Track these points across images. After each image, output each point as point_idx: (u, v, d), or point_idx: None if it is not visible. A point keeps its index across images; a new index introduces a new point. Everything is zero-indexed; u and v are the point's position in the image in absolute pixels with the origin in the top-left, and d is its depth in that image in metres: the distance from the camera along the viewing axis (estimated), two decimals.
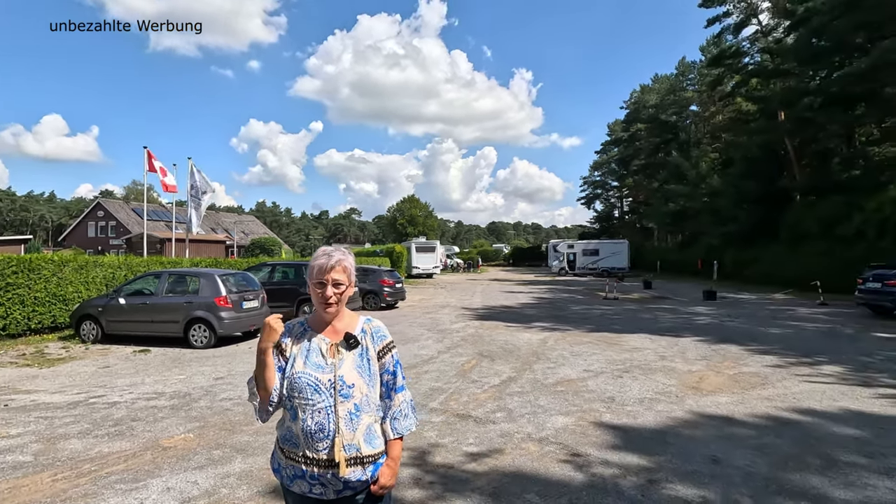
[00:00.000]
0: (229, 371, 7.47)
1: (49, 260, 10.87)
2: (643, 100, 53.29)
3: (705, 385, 6.43)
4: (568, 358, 8.20)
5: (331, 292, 1.76)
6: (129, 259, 13.37)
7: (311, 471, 1.69)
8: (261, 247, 39.17)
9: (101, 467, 3.99)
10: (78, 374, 7.32)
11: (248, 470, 3.92)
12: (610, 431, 4.73)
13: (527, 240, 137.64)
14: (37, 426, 4.99)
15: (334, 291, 1.77)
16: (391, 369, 1.84)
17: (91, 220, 50.44)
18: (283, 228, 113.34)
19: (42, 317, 10.46)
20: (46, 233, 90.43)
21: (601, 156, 67.34)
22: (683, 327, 11.57)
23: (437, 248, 37.50)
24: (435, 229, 74.81)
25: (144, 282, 10.23)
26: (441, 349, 9.07)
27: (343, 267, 1.79)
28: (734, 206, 29.91)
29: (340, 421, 1.69)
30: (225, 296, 9.51)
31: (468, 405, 5.63)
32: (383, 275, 16.70)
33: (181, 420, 5.17)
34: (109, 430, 4.86)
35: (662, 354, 8.42)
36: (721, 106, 40.87)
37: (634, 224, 58.87)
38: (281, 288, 12.91)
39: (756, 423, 4.98)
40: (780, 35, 29.43)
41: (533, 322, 12.73)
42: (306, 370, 1.74)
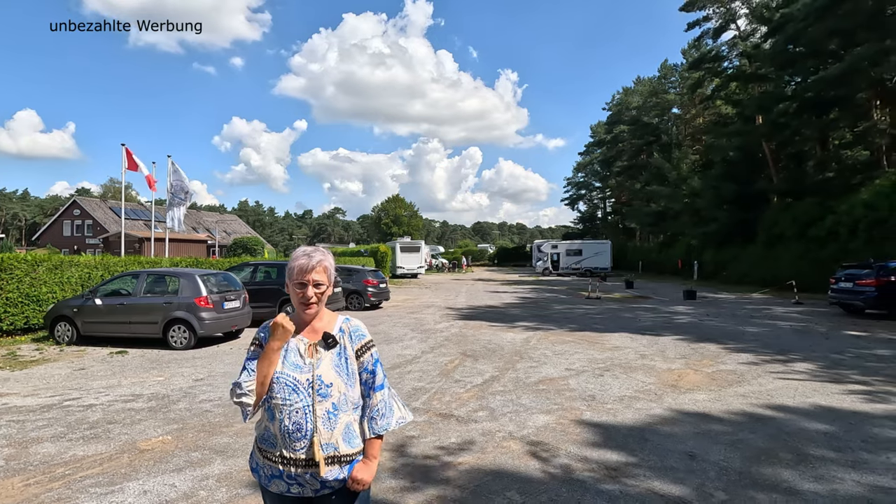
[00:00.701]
0: (209, 372, 7.37)
1: (22, 259, 10.58)
2: (626, 102, 54.01)
3: (684, 383, 6.56)
4: (550, 357, 8.28)
5: (311, 293, 1.77)
6: (105, 259, 13.09)
7: (288, 470, 1.70)
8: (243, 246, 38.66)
9: (76, 471, 3.91)
10: (52, 377, 7.15)
11: (228, 472, 3.88)
12: (590, 429, 4.80)
13: (512, 240, 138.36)
14: (8, 430, 4.87)
15: (315, 292, 1.78)
16: (370, 368, 1.84)
17: (67, 219, 49.18)
18: (267, 228, 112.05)
19: (14, 318, 10.17)
20: (20, 231, 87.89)
21: (585, 157, 68.04)
22: (664, 326, 11.77)
23: (421, 248, 37.45)
24: (420, 229, 74.83)
25: (122, 282, 10.03)
26: (425, 349, 9.07)
27: (324, 267, 1.80)
28: (713, 207, 30.51)
29: (318, 420, 1.70)
30: (206, 296, 9.37)
31: (451, 404, 5.65)
32: (367, 275, 16.64)
33: (159, 422, 5.09)
34: (84, 434, 4.76)
35: (643, 353, 8.56)
36: (701, 108, 41.66)
37: (617, 224, 59.62)
38: (263, 288, 12.77)
39: (732, 419, 5.10)
40: (758, 40, 30.10)
41: (516, 322, 12.81)
42: (284, 370, 1.74)
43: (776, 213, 25.71)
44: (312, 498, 1.75)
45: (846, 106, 23.47)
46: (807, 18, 22.43)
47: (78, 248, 42.60)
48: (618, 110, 54.68)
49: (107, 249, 37.50)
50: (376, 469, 1.83)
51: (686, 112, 45.68)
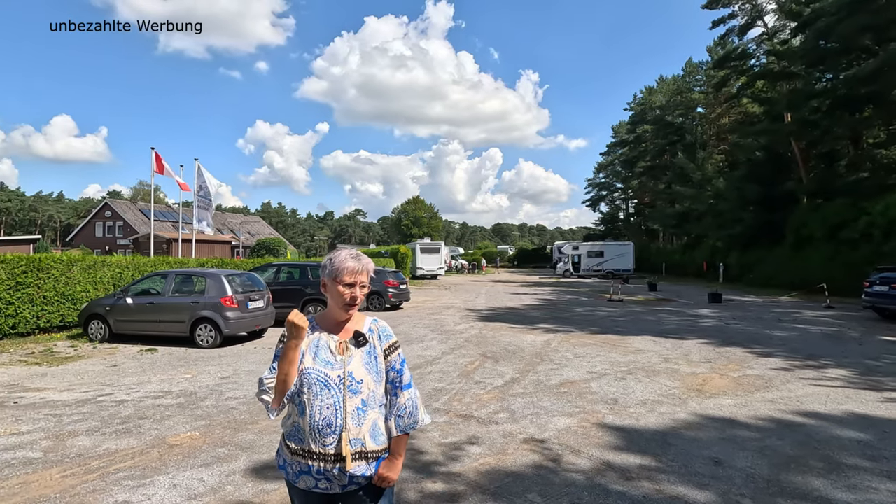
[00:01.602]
0: (235, 371, 7.54)
1: (58, 259, 11.00)
2: (649, 101, 53.19)
3: (709, 387, 6.43)
4: (571, 360, 8.22)
5: (359, 293, 1.84)
6: (136, 259, 13.50)
7: (317, 466, 1.74)
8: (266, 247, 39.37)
9: (110, 464, 4.05)
10: (86, 373, 7.41)
11: (253, 467, 3.97)
12: (612, 433, 4.75)
13: (532, 241, 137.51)
14: (46, 423, 5.07)
15: (360, 293, 1.86)
16: (397, 367, 1.89)
17: (99, 221, 50.87)
18: (289, 229, 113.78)
19: (51, 316, 10.58)
20: (55, 233, 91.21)
21: (606, 157, 67.23)
22: (688, 330, 11.55)
23: (441, 250, 37.52)
24: (439, 230, 74.98)
25: (151, 282, 10.33)
26: (445, 350, 9.10)
27: (368, 270, 1.89)
28: (739, 209, 29.79)
29: (348, 416, 1.75)
30: (231, 296, 9.59)
31: (471, 406, 5.66)
32: (388, 276, 16.75)
33: (187, 418, 5.24)
34: (117, 428, 4.93)
35: (666, 357, 8.42)
36: (727, 107, 40.75)
37: (639, 226, 58.71)
38: (286, 288, 12.98)
39: (759, 425, 4.99)
40: (787, 37, 29.31)
41: (537, 324, 12.74)
42: (316, 366, 1.78)
43: (805, 214, 24.98)
44: (339, 494, 1.79)
45: (880, 103, 22.65)
46: (839, 13, 21.75)
47: (109, 248, 44.01)
48: (640, 110, 53.89)
49: (137, 250, 38.62)
50: (401, 466, 1.86)
51: (711, 111, 44.71)
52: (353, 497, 1.80)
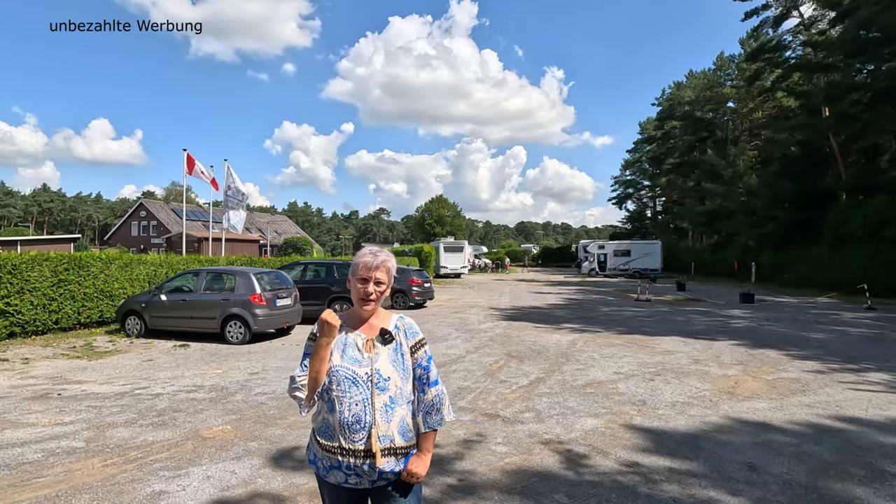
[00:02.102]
0: (263, 367, 7.71)
1: (97, 258, 11.44)
2: (677, 96, 51.92)
3: (741, 390, 6.26)
4: (597, 360, 8.11)
5: (372, 289, 1.84)
6: (169, 257, 13.93)
7: (346, 461, 1.76)
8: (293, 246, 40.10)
9: (147, 455, 4.20)
10: (124, 367, 7.70)
11: (283, 462, 4.06)
12: (641, 434, 4.67)
13: (556, 240, 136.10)
14: (87, 414, 5.29)
15: (375, 289, 1.85)
16: (424, 364, 1.90)
17: (134, 220, 52.71)
18: (315, 228, 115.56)
19: (91, 311, 11.02)
20: (93, 232, 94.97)
21: (633, 154, 65.98)
22: (718, 331, 11.25)
23: (465, 248, 37.50)
24: (463, 229, 74.93)
25: (184, 279, 10.65)
26: (469, 349, 9.11)
27: (386, 268, 1.88)
28: (772, 206, 28.83)
29: (376, 413, 1.76)
30: (260, 293, 9.80)
31: (496, 405, 5.65)
32: (412, 274, 16.85)
33: (219, 412, 5.39)
34: (153, 420, 5.10)
35: (696, 358, 8.23)
36: (760, 102, 39.44)
37: (667, 224, 57.44)
38: (313, 286, 13.19)
39: (795, 430, 4.82)
40: (825, 27, 28.17)
41: (562, 323, 12.62)
42: (344, 364, 1.81)
43: (844, 211, 23.98)
44: (369, 489, 1.81)
45: None
46: (882, 2, 20.78)
47: (144, 247, 45.54)
48: (669, 105, 52.65)
49: (169, 248, 39.87)
50: (429, 462, 1.88)
51: (743, 106, 43.34)
52: (382, 492, 1.82)
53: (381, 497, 1.83)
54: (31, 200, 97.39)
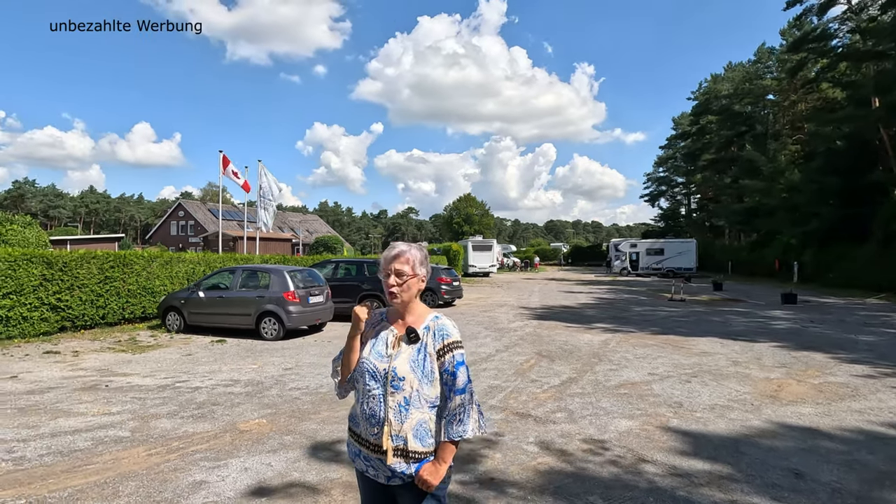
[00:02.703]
0: (297, 362, 7.86)
1: (140, 256, 11.92)
2: (714, 90, 50.16)
3: (785, 394, 6.00)
4: (631, 360, 7.93)
5: (392, 282, 1.83)
6: (206, 255, 14.39)
7: (364, 452, 1.82)
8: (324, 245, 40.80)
9: (188, 445, 4.35)
10: (165, 361, 8.00)
11: (317, 455, 4.13)
12: (678, 437, 4.54)
13: (586, 238, 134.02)
14: (132, 406, 5.52)
15: (396, 281, 1.83)
16: (450, 369, 1.79)
17: (173, 220, 54.72)
18: (345, 227, 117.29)
19: (134, 307, 11.50)
20: (136, 231, 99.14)
21: (667, 151, 64.23)
22: (759, 332, 10.84)
23: (493, 247, 37.33)
24: (491, 228, 74.61)
25: (220, 277, 10.97)
26: (499, 347, 9.06)
27: (406, 258, 1.84)
28: (816, 202, 27.52)
29: (389, 411, 1.76)
30: (293, 291, 10.01)
31: (528, 404, 5.60)
32: (441, 273, 16.89)
33: (255, 406, 5.52)
34: (193, 413, 5.28)
35: (735, 360, 7.95)
36: (803, 94, 37.71)
37: (703, 222, 55.66)
38: (344, 284, 13.38)
39: (845, 436, 4.59)
40: (875, 13, 26.70)
41: (593, 323, 12.40)
42: (369, 357, 1.84)
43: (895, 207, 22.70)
44: (385, 485, 1.81)
45: None
46: None
47: (182, 245, 47.20)
48: (705, 99, 50.91)
49: (206, 247, 41.20)
50: (445, 473, 1.76)
51: (784, 98, 41.53)
52: (401, 491, 1.81)
53: (403, 496, 1.82)
54: (79, 202, 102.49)
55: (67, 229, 64.51)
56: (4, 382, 6.49)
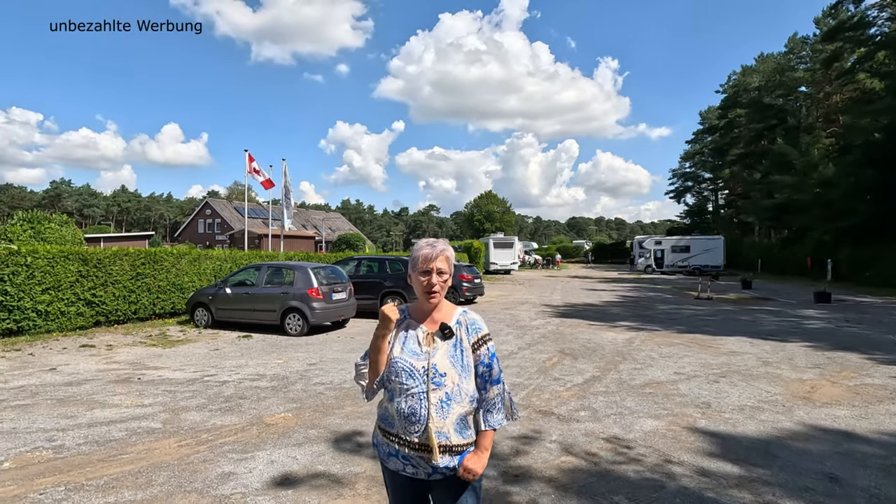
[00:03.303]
0: (321, 358, 7.97)
1: (169, 253, 12.27)
2: (744, 82, 48.69)
3: (818, 396, 5.81)
4: (656, 359, 7.79)
5: (435, 280, 1.82)
6: (233, 253, 14.70)
7: (403, 451, 1.79)
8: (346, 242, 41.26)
9: (216, 437, 4.46)
10: (193, 355, 8.21)
11: (341, 449, 4.18)
12: (706, 438, 4.44)
13: (609, 235, 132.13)
14: (163, 398, 5.68)
15: (438, 280, 1.83)
16: (486, 361, 1.85)
17: (200, 218, 56.07)
18: (367, 225, 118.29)
19: (164, 303, 11.84)
20: (165, 229, 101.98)
21: (693, 146, 62.73)
22: (790, 331, 10.51)
23: (515, 244, 37.12)
24: (512, 225, 74.17)
25: (247, 273, 11.19)
26: (521, 345, 9.01)
27: (446, 257, 1.85)
28: (851, 198, 26.47)
29: (432, 408, 1.76)
30: (317, 287, 10.14)
31: (550, 402, 5.56)
32: (462, 270, 16.87)
33: (281, 400, 5.63)
34: (221, 406, 5.41)
35: (765, 360, 7.73)
36: (838, 85, 36.31)
37: (730, 219, 54.17)
38: (366, 281, 13.49)
39: (884, 440, 4.42)
40: None
41: (617, 321, 12.22)
42: (403, 356, 1.82)
43: None
44: (425, 480, 1.82)
45: None
46: None
47: (209, 243, 48.35)
48: (734, 92, 49.49)
49: (233, 244, 42.12)
50: (487, 460, 1.85)
51: (818, 90, 40.06)
52: (437, 485, 1.82)
53: (439, 490, 1.84)
54: (111, 201, 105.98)
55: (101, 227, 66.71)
56: (44, 374, 6.77)
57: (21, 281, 9.07)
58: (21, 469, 3.79)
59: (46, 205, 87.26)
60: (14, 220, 17.35)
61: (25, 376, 6.63)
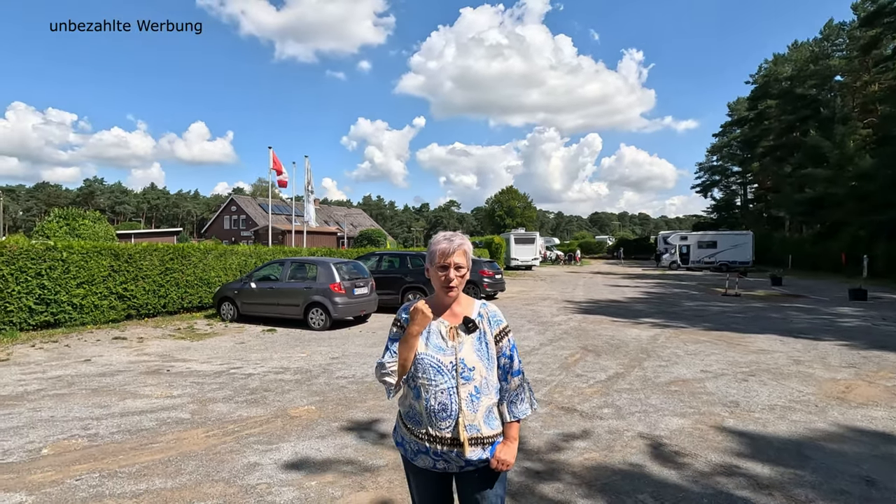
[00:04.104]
0: (343, 352, 8.06)
1: (196, 248, 12.56)
2: (775, 72, 47.08)
3: (854, 396, 5.60)
4: (682, 357, 7.63)
5: (453, 275, 1.81)
6: (257, 248, 14.97)
7: (434, 448, 1.77)
8: (368, 238, 41.57)
9: (242, 429, 4.55)
10: (220, 348, 8.40)
11: (364, 443, 4.22)
12: (734, 438, 4.33)
13: (633, 231, 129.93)
14: (191, 390, 5.83)
15: (456, 274, 1.82)
16: (508, 353, 1.87)
17: (226, 214, 57.27)
18: (388, 221, 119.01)
19: (192, 297, 12.14)
20: (192, 225, 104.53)
21: (721, 139, 61.04)
22: (823, 329, 10.16)
23: (536, 240, 36.83)
24: (533, 220, 73.60)
25: (271, 268, 11.38)
26: (543, 341, 8.94)
27: (463, 251, 1.83)
28: (890, 191, 25.39)
29: (462, 402, 1.75)
30: (339, 282, 10.25)
31: (573, 399, 5.50)
32: (483, 265, 16.79)
33: (304, 393, 5.71)
34: (247, 398, 5.52)
35: (797, 359, 7.49)
36: (876, 73, 34.80)
37: (760, 213, 52.66)
38: (387, 276, 13.57)
39: None
40: None
41: (641, 317, 12.02)
42: (428, 352, 1.80)
43: None
44: (457, 473, 1.83)
45: None
46: None
47: (234, 239, 49.35)
48: (765, 82, 47.88)
49: (257, 240, 42.91)
50: (516, 450, 1.87)
51: (855, 79, 38.48)
52: (469, 477, 1.82)
53: (468, 482, 1.83)
54: (141, 198, 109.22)
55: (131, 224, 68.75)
56: (80, 365, 7.02)
57: (57, 275, 9.41)
58: (58, 456, 3.94)
59: (80, 202, 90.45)
60: (51, 217, 18.03)
61: (62, 367, 6.89)
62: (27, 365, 6.98)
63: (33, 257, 9.11)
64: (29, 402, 5.32)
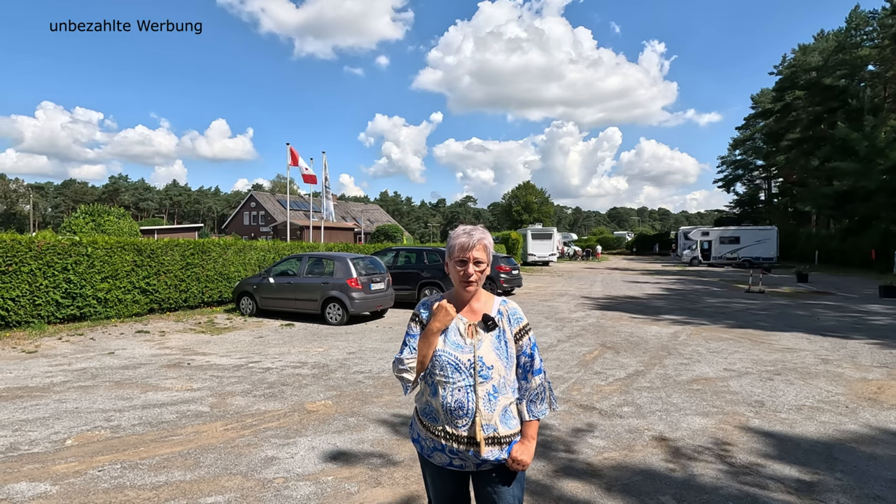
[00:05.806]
0: (360, 347, 8.09)
1: (216, 244, 12.74)
2: (802, 62, 45.64)
3: (886, 397, 5.40)
4: (704, 354, 7.46)
5: (472, 270, 1.76)
6: (276, 244, 15.12)
7: (450, 445, 1.74)
8: (384, 233, 41.73)
9: (260, 422, 4.58)
10: (239, 342, 8.50)
11: (380, 439, 4.21)
12: (760, 439, 4.20)
13: (652, 226, 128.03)
14: (211, 383, 5.90)
15: (475, 269, 1.77)
16: (528, 352, 1.83)
17: (246, 210, 58.11)
18: (404, 216, 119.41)
19: (212, 292, 12.32)
20: (213, 221, 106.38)
21: (744, 132, 59.51)
22: (853, 328, 9.84)
23: (553, 236, 36.50)
24: (551, 216, 73.04)
25: (289, 264, 11.48)
26: (560, 338, 8.84)
27: (483, 245, 1.78)
28: None
29: (479, 401, 1.71)
30: (356, 278, 10.29)
31: (592, 396, 5.41)
32: (500, 261, 16.72)
33: (321, 388, 5.73)
34: (265, 392, 5.56)
35: (825, 358, 7.25)
36: None
37: (785, 208, 51.26)
38: (404, 272, 13.58)
39: None
40: None
41: (661, 314, 11.80)
42: (446, 349, 1.76)
43: None
44: (473, 472, 1.79)
45: None
46: None
47: (254, 234, 50.08)
48: (790, 73, 46.50)
49: (276, 236, 43.45)
50: (534, 450, 1.82)
51: (887, 68, 37.07)
52: (486, 476, 1.78)
53: (485, 481, 1.79)
54: (164, 194, 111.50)
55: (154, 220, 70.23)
56: (104, 358, 7.17)
57: (83, 270, 9.64)
58: (82, 447, 4.02)
59: (106, 199, 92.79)
60: (77, 214, 18.49)
61: (87, 359, 7.05)
62: (54, 357, 7.16)
63: (60, 252, 9.34)
64: (55, 393, 5.45)
